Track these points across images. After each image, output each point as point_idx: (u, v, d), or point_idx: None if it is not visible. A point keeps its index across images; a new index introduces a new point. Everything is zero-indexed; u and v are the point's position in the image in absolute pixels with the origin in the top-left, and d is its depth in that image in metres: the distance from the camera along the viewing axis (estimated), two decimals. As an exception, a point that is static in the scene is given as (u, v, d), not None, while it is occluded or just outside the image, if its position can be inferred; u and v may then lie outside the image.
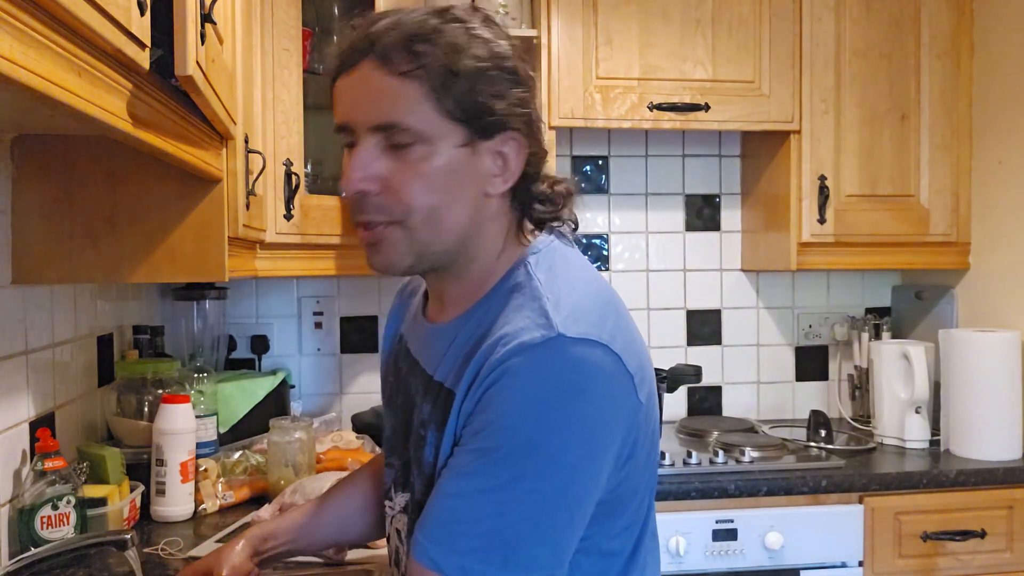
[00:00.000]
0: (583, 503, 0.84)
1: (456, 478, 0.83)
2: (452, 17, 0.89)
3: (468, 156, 0.89)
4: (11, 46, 0.58)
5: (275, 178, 1.86)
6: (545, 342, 0.81)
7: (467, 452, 0.84)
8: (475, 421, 0.84)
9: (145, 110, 0.91)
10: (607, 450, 0.84)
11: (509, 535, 0.80)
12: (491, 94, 0.87)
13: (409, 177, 0.87)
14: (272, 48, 1.86)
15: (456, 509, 0.82)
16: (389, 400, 1.10)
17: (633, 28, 2.21)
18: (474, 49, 0.87)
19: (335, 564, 1.43)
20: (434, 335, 0.98)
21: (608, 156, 2.57)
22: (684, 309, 2.60)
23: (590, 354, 0.82)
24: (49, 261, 1.35)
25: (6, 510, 1.35)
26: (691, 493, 1.91)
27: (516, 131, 0.90)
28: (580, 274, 0.93)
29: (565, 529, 0.83)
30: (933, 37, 2.30)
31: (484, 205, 0.92)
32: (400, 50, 0.85)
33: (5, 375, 1.35)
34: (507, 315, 0.87)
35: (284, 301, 2.44)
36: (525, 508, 0.80)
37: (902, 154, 2.30)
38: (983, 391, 2.08)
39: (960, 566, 1.99)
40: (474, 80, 0.86)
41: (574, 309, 0.85)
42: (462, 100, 0.86)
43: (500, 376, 0.82)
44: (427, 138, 0.87)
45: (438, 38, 0.86)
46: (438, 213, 0.89)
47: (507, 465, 0.80)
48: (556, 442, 0.80)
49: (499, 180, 0.91)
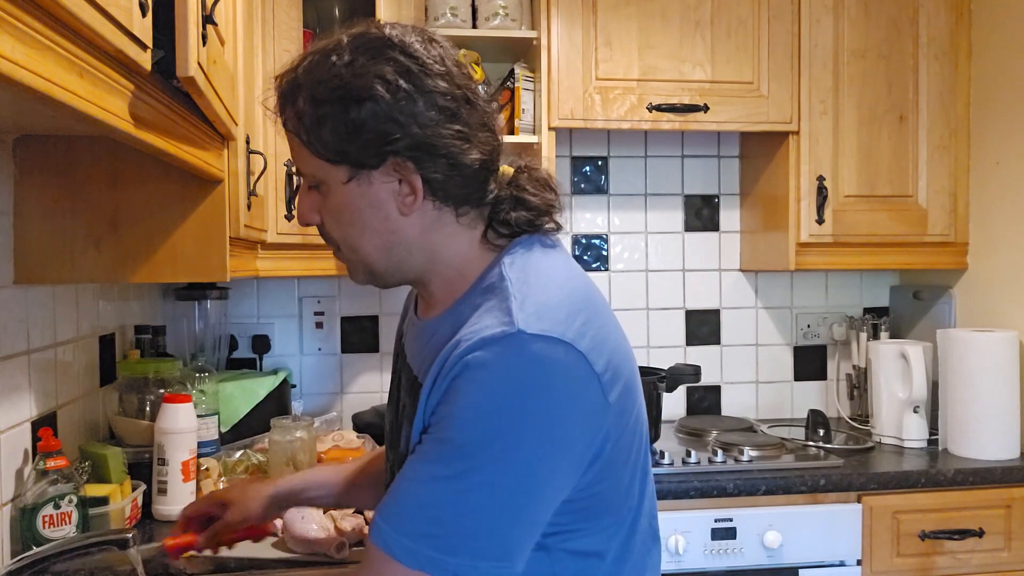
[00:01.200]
0: (539, 499, 0.85)
1: (415, 463, 0.87)
2: (325, 56, 0.93)
3: (360, 187, 0.95)
4: (13, 47, 0.59)
5: (276, 179, 1.87)
6: (504, 337, 0.84)
7: (428, 441, 0.87)
8: (438, 412, 0.87)
9: (147, 111, 0.92)
10: (567, 448, 0.86)
11: (459, 524, 0.82)
12: (352, 133, 0.92)
13: (325, 214, 0.98)
14: (273, 49, 1.87)
15: (412, 493, 0.85)
16: (390, 396, 1.13)
17: (632, 29, 2.21)
18: (330, 94, 0.91)
19: (335, 564, 1.44)
20: (420, 331, 1.02)
21: (607, 157, 2.57)
22: (683, 309, 2.61)
23: (550, 351, 0.84)
24: (51, 261, 1.36)
25: (8, 509, 1.36)
26: (690, 492, 1.92)
27: (401, 156, 0.92)
28: (554, 273, 0.94)
29: (516, 523, 0.84)
30: (931, 38, 2.30)
31: (405, 224, 0.96)
32: (287, 107, 0.96)
33: (7, 375, 1.36)
34: (480, 314, 0.90)
35: (285, 301, 2.45)
36: (477, 499, 0.82)
37: (900, 155, 2.31)
38: (981, 391, 2.08)
39: (958, 565, 1.99)
40: (332, 124, 0.92)
41: (539, 307, 0.87)
42: (328, 144, 0.93)
43: (462, 370, 0.85)
44: (321, 180, 0.96)
45: (304, 91, 0.94)
46: (350, 242, 0.98)
47: (462, 456, 0.83)
48: (510, 437, 0.82)
49: (409, 199, 0.95)
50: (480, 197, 0.97)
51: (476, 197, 0.97)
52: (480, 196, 0.97)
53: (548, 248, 0.99)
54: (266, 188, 1.82)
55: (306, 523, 1.48)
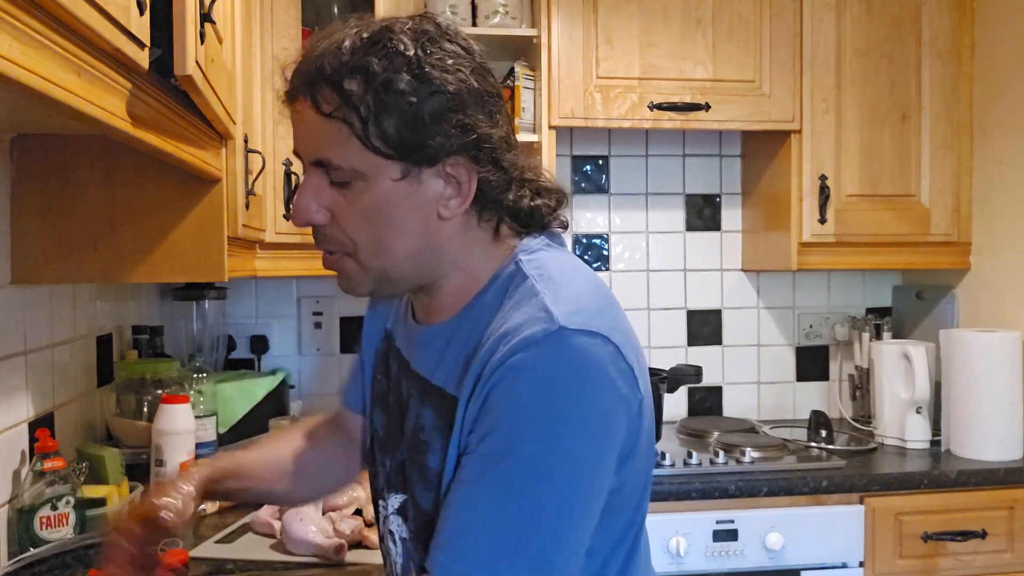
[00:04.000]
0: (598, 498, 0.83)
1: (470, 488, 0.81)
2: (383, 43, 0.84)
3: (410, 186, 0.86)
4: (10, 45, 0.58)
5: (274, 178, 1.86)
6: (547, 336, 0.80)
7: (478, 459, 0.81)
8: (482, 425, 0.81)
9: (144, 110, 0.91)
10: (616, 442, 0.83)
11: (535, 541, 0.78)
12: (421, 126, 0.84)
13: (350, 212, 0.87)
14: (272, 48, 1.86)
15: (474, 522, 0.79)
16: (380, 399, 1.07)
17: (633, 28, 2.20)
18: (399, 82, 0.83)
19: (335, 564, 1.43)
20: (427, 337, 0.97)
21: (608, 156, 2.56)
22: (684, 309, 2.60)
23: (591, 346, 0.81)
24: (48, 261, 1.35)
25: (5, 510, 1.35)
26: (691, 493, 1.91)
27: (460, 155, 0.87)
28: (573, 270, 0.92)
29: (586, 526, 0.82)
30: (934, 37, 2.30)
31: (439, 227, 0.89)
32: (327, 89, 0.84)
33: (4, 375, 1.35)
34: (505, 314, 0.86)
35: (283, 301, 2.44)
36: (548, 508, 0.78)
37: (903, 154, 2.30)
38: (984, 391, 2.07)
39: (961, 567, 1.99)
40: (400, 115, 0.83)
41: (572, 301, 0.84)
42: (389, 137, 0.84)
43: (504, 375, 0.80)
44: (362, 175, 0.86)
45: (362, 74, 0.83)
46: (383, 245, 0.88)
47: (523, 466, 0.78)
48: (571, 436, 0.79)
49: (454, 203, 0.88)
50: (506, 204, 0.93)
51: (504, 203, 0.92)
52: (507, 203, 0.93)
53: (558, 247, 0.97)
54: (264, 187, 1.81)
55: (304, 524, 1.47)
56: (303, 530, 1.46)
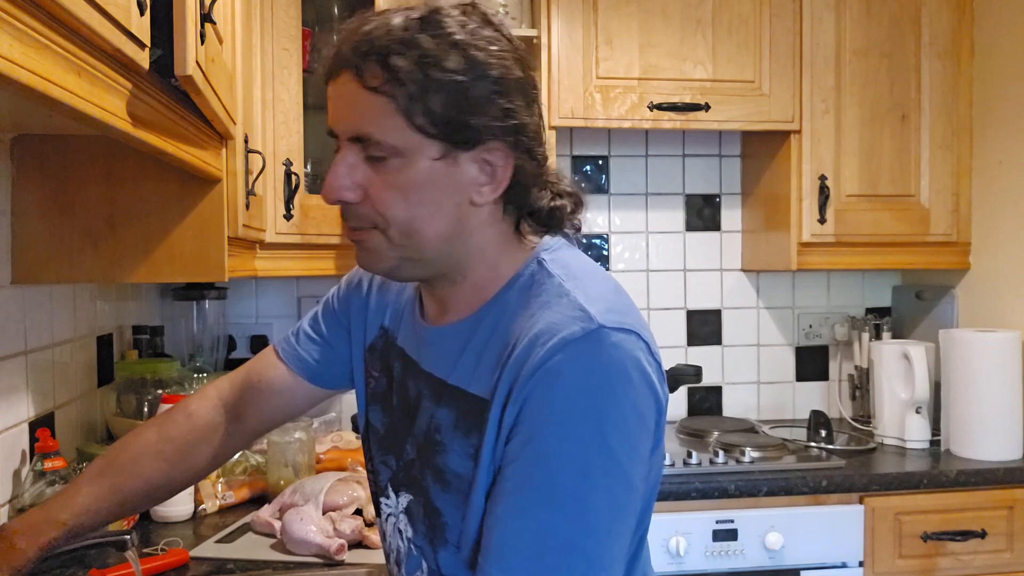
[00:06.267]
0: (639, 491, 0.83)
1: (515, 495, 0.80)
2: (434, 23, 0.85)
3: (447, 167, 0.86)
4: (11, 46, 0.58)
5: (275, 178, 1.86)
6: (587, 335, 0.80)
7: (521, 463, 0.80)
8: (522, 429, 0.81)
9: (145, 110, 0.91)
10: (649, 436, 0.83)
11: (587, 540, 0.78)
12: (466, 107, 0.84)
13: (385, 190, 0.86)
14: (272, 48, 1.86)
15: (524, 529, 0.79)
16: (379, 398, 1.07)
17: (633, 28, 2.20)
18: (449, 61, 0.83)
19: (334, 566, 1.43)
20: (439, 337, 0.96)
21: (608, 156, 2.56)
22: (684, 309, 2.60)
23: (628, 341, 0.81)
24: (49, 261, 1.35)
25: (5, 510, 1.35)
26: (691, 493, 1.91)
27: (500, 141, 0.87)
28: (594, 269, 0.92)
29: (631, 521, 0.82)
30: (933, 37, 2.30)
31: (471, 213, 0.89)
32: (373, 64, 0.83)
33: (5, 375, 1.35)
34: (534, 314, 0.85)
35: (284, 301, 2.44)
36: (595, 508, 0.78)
37: (902, 154, 2.30)
38: (983, 391, 2.07)
39: (960, 566, 1.99)
40: (447, 94, 0.83)
41: (604, 300, 0.84)
42: (435, 115, 0.83)
43: (544, 377, 0.79)
44: (401, 152, 0.85)
45: (412, 51, 0.83)
46: (415, 224, 0.87)
47: (567, 468, 0.78)
48: (614, 434, 0.79)
49: (487, 189, 0.88)
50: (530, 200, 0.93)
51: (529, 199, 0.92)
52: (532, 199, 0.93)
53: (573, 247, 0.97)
54: (264, 187, 1.81)
55: (304, 524, 1.47)
56: (303, 530, 1.46)
